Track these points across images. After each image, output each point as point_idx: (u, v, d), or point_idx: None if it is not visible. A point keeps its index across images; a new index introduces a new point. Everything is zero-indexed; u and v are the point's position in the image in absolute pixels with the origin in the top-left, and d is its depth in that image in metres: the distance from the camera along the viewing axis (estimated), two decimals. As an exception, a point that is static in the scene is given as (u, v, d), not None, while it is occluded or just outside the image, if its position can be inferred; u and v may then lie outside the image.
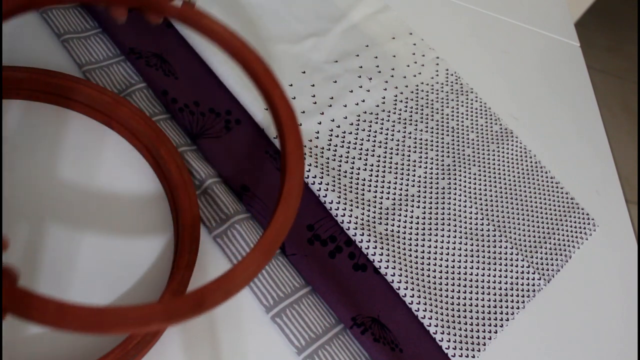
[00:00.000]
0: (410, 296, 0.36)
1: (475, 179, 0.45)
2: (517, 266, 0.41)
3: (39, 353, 0.27)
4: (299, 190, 0.28)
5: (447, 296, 0.38)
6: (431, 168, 0.44)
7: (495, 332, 0.38)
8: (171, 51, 0.42)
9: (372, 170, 0.42)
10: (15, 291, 0.19)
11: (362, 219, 0.38)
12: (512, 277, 0.41)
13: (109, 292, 0.30)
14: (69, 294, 0.29)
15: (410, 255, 0.38)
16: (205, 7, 0.45)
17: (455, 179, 0.44)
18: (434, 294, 0.37)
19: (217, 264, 0.34)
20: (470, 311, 0.38)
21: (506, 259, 0.41)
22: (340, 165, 0.41)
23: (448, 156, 0.46)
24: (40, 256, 0.30)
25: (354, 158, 0.42)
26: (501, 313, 0.39)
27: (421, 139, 0.46)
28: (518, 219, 0.44)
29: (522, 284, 0.41)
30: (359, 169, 0.41)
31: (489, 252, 0.41)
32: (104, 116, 0.36)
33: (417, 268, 0.38)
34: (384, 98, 0.47)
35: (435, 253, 0.40)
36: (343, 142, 0.43)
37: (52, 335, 0.28)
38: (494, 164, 0.47)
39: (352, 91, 0.46)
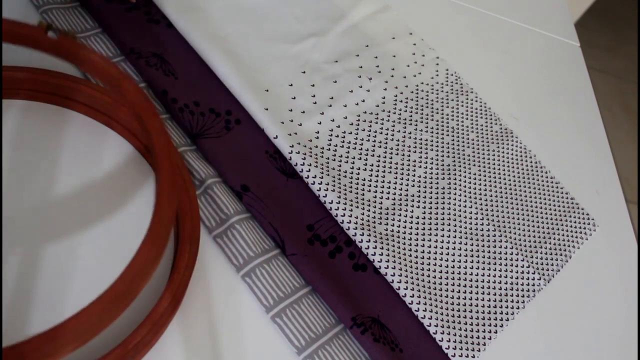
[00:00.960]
0: (410, 296, 0.36)
1: (475, 179, 0.45)
2: (517, 266, 0.41)
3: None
4: (165, 234, 0.26)
5: (447, 296, 0.38)
6: (431, 168, 0.44)
7: (495, 332, 0.38)
8: (171, 51, 0.42)
9: (372, 170, 0.42)
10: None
11: (362, 219, 0.38)
12: (512, 277, 0.41)
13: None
14: (67, 296, 0.29)
15: (410, 255, 0.38)
16: (205, 7, 0.45)
17: (455, 179, 0.44)
18: (434, 294, 0.37)
19: (217, 264, 0.34)
20: (470, 311, 0.38)
21: (506, 259, 0.42)
22: (340, 165, 0.41)
23: (448, 156, 0.46)
24: (39, 257, 0.30)
25: (354, 158, 0.42)
26: (501, 313, 0.39)
27: (421, 139, 0.46)
28: (518, 218, 0.44)
29: (522, 284, 0.41)
30: (359, 169, 0.41)
31: (489, 252, 0.41)
32: (104, 116, 0.36)
33: (417, 268, 0.38)
34: (384, 98, 0.47)
35: (435, 253, 0.40)
36: (343, 142, 0.43)
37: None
38: (494, 164, 0.47)
39: (352, 91, 0.46)
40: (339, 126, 0.43)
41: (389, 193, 0.41)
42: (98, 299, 0.22)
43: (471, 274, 0.40)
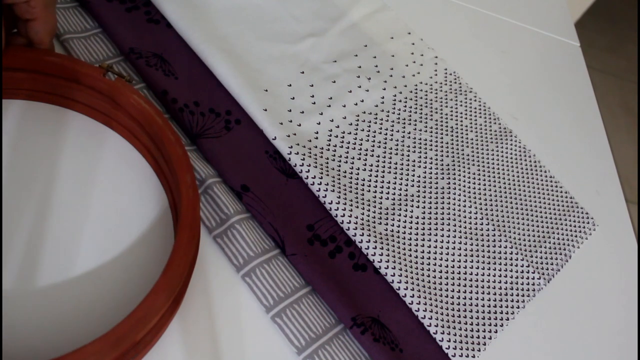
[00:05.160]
0: (410, 296, 0.36)
1: (474, 178, 0.45)
2: (517, 266, 0.41)
3: (28, 346, 0.27)
4: (174, 288, 0.27)
5: (447, 296, 0.38)
6: (430, 168, 0.44)
7: (496, 331, 0.38)
8: (171, 51, 0.42)
9: (371, 170, 0.42)
10: None
11: (362, 219, 0.38)
12: (512, 277, 0.41)
13: (108, 295, 0.30)
14: (68, 298, 0.29)
15: (410, 255, 0.38)
16: (204, 8, 0.45)
17: (454, 179, 0.44)
18: (434, 294, 0.37)
19: (217, 264, 0.34)
20: (470, 311, 0.38)
21: (506, 259, 0.41)
22: (339, 166, 0.41)
23: (447, 156, 0.46)
24: (40, 257, 0.30)
25: (353, 158, 0.42)
26: (501, 313, 0.39)
27: (420, 139, 0.46)
28: (518, 218, 0.44)
29: (522, 284, 0.41)
30: (358, 169, 0.41)
31: (488, 251, 0.41)
32: (104, 116, 0.36)
33: (417, 268, 0.38)
34: (382, 98, 0.47)
35: (435, 253, 0.40)
36: (342, 142, 0.43)
37: (46, 330, 0.28)
38: (493, 164, 0.47)
39: (351, 91, 0.46)
40: (338, 126, 0.43)
41: (388, 193, 0.41)
42: (98, 339, 0.23)
43: (471, 274, 0.40)
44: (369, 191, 0.41)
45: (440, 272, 0.39)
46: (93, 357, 0.23)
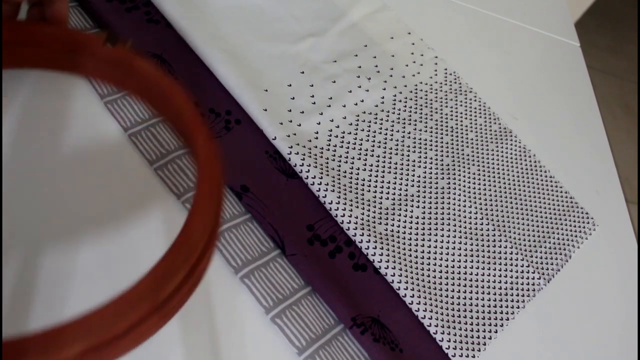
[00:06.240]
0: (410, 296, 0.36)
1: (474, 178, 0.45)
2: (517, 266, 0.41)
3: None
4: (194, 247, 0.25)
5: (447, 296, 0.38)
6: (430, 168, 0.44)
7: (496, 331, 0.38)
8: (171, 51, 0.42)
9: (371, 170, 0.42)
10: None
11: (362, 219, 0.38)
12: (512, 277, 0.41)
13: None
14: (72, 277, 0.29)
15: (410, 255, 0.38)
16: (204, 8, 0.45)
17: (454, 179, 0.44)
18: (434, 294, 0.37)
19: (216, 266, 0.34)
20: (470, 311, 0.38)
21: (506, 259, 0.41)
22: (339, 166, 0.41)
23: (447, 156, 0.46)
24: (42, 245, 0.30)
25: (353, 158, 0.42)
26: (501, 313, 0.39)
27: (420, 139, 0.46)
28: (518, 218, 0.44)
29: (522, 284, 0.41)
30: (358, 169, 0.41)
31: (488, 251, 0.41)
32: (114, 83, 0.35)
33: (417, 268, 0.38)
34: (382, 98, 0.47)
35: (435, 253, 0.40)
36: (342, 142, 0.42)
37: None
38: (493, 164, 0.47)
39: (351, 91, 0.46)
40: (338, 126, 0.43)
41: (388, 193, 0.41)
42: (117, 297, 0.21)
43: (471, 274, 0.40)
44: (369, 191, 0.41)
45: (440, 272, 0.39)
46: (109, 317, 0.21)
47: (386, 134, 0.45)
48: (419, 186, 0.43)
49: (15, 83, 0.35)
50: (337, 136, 0.43)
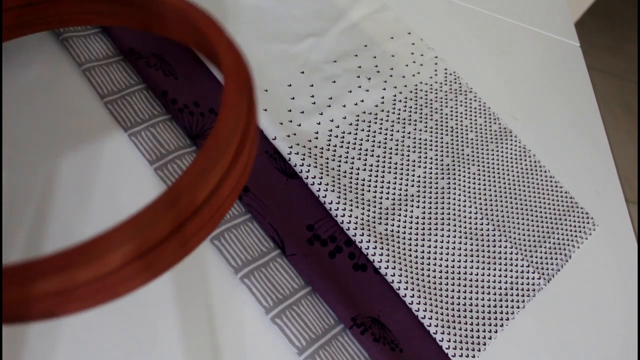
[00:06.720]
0: (410, 296, 0.36)
1: (474, 178, 0.45)
2: (517, 266, 0.41)
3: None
4: (232, 130, 0.23)
5: (447, 296, 0.38)
6: (430, 168, 0.44)
7: (496, 331, 0.38)
8: (171, 51, 0.42)
9: (371, 170, 0.42)
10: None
11: (362, 219, 0.38)
12: (512, 277, 0.41)
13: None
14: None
15: (410, 255, 0.38)
16: (203, 8, 0.45)
17: (454, 179, 0.44)
18: (434, 294, 0.37)
19: (216, 266, 0.34)
20: (470, 311, 0.38)
21: (506, 259, 0.41)
22: (339, 166, 0.41)
23: (447, 156, 0.46)
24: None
25: (353, 158, 0.42)
26: (501, 313, 0.39)
27: (420, 139, 0.46)
28: (518, 218, 0.44)
29: (522, 284, 0.41)
30: (358, 169, 0.41)
31: (488, 251, 0.41)
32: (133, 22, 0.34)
33: (417, 268, 0.38)
34: (382, 98, 0.47)
35: (435, 253, 0.40)
36: (342, 142, 0.42)
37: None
38: (493, 164, 0.47)
39: (351, 91, 0.46)
40: (338, 126, 0.43)
41: (388, 193, 0.41)
42: (154, 201, 0.20)
43: (471, 274, 0.40)
44: (369, 191, 0.41)
45: (440, 272, 0.39)
46: (148, 220, 0.20)
47: (386, 134, 0.45)
48: (419, 186, 0.43)
49: (15, 83, 0.35)
50: (337, 136, 0.43)
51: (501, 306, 0.39)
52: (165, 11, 0.32)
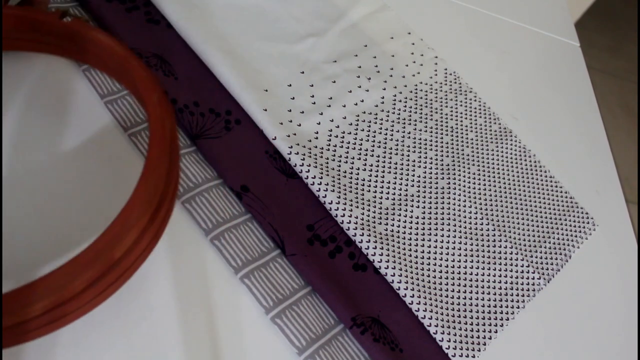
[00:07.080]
0: (410, 296, 0.36)
1: (474, 178, 0.45)
2: (517, 266, 0.41)
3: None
4: (151, 195, 0.26)
5: (447, 296, 0.38)
6: (430, 168, 0.44)
7: (496, 331, 0.38)
8: (171, 51, 0.42)
9: (371, 170, 0.42)
10: None
11: (362, 219, 0.38)
12: (512, 277, 0.41)
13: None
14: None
15: (410, 255, 0.38)
16: (204, 7, 0.45)
17: (454, 179, 0.44)
18: (434, 294, 0.37)
19: (215, 266, 0.34)
20: (470, 311, 0.38)
21: (506, 259, 0.41)
22: (339, 166, 0.41)
23: (447, 156, 0.46)
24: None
25: (353, 158, 0.42)
26: (501, 313, 0.39)
27: (420, 139, 0.46)
28: (518, 218, 0.44)
29: (522, 284, 0.41)
30: (358, 169, 0.41)
31: (488, 251, 0.41)
32: (73, 57, 0.36)
33: (417, 268, 0.38)
34: (382, 98, 0.47)
35: (435, 253, 0.40)
36: (342, 142, 0.42)
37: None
38: (493, 164, 0.47)
39: (351, 91, 0.46)
40: (338, 126, 0.43)
41: (388, 193, 0.41)
42: (74, 258, 0.23)
43: (471, 274, 0.40)
44: (369, 191, 0.41)
45: (440, 272, 0.39)
46: (68, 276, 0.23)
47: (386, 134, 0.45)
48: (419, 186, 0.43)
49: (15, 83, 0.35)
50: (337, 136, 0.43)
51: (501, 306, 0.39)
52: (103, 53, 0.34)
